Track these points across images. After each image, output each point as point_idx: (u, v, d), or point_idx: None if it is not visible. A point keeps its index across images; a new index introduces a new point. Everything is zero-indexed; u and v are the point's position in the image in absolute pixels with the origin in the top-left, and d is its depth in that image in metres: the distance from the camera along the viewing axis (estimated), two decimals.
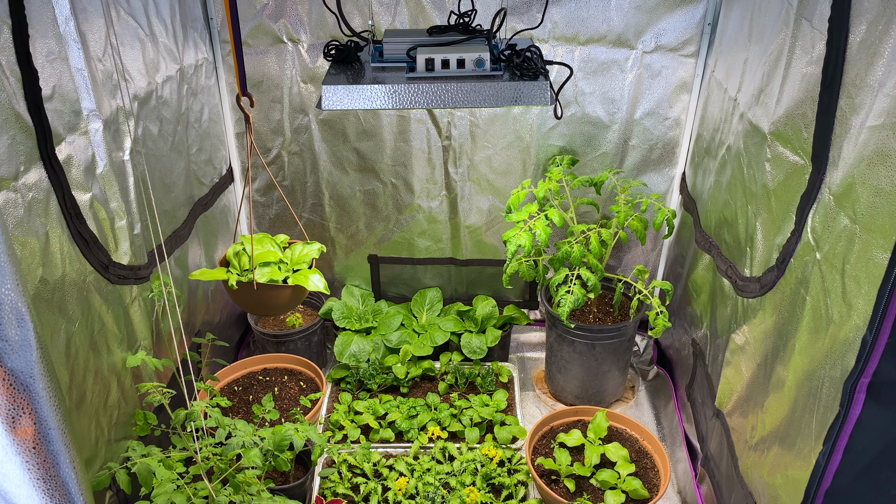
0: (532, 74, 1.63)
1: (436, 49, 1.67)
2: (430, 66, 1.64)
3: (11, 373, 0.90)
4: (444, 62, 1.64)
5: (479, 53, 1.63)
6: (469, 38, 1.74)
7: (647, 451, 2.45)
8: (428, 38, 1.76)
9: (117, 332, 1.94)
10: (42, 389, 0.93)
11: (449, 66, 1.64)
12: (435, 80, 1.64)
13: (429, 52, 1.66)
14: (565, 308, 2.32)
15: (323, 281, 2.03)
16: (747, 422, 1.94)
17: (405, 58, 1.75)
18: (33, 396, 0.92)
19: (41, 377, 0.92)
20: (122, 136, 1.93)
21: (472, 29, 1.80)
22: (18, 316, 0.88)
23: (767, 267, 1.79)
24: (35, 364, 0.91)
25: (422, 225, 2.84)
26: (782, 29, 1.67)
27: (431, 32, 1.79)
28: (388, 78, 1.67)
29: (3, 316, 0.86)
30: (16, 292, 0.87)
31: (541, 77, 1.64)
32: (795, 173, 1.63)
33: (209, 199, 2.54)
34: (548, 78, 1.65)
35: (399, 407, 2.61)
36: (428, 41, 1.73)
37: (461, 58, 1.63)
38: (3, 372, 0.89)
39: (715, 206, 2.19)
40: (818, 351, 1.53)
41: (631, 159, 2.66)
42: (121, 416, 2.00)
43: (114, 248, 1.90)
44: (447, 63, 1.64)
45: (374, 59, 1.78)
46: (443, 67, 1.65)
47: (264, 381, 2.72)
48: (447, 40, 1.73)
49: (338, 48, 1.79)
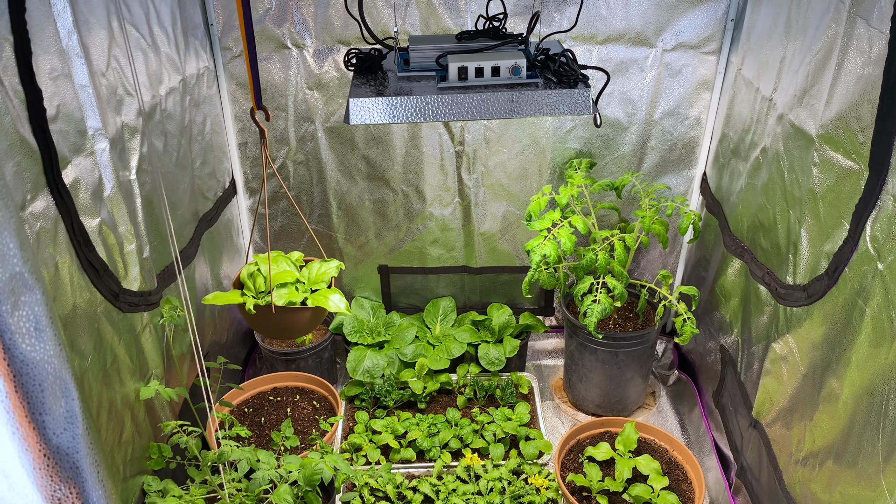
0: (571, 81, 1.54)
1: (468, 56, 1.57)
2: (463, 75, 1.54)
3: (57, 451, 0.79)
4: (479, 70, 1.54)
5: (515, 60, 1.54)
6: (501, 43, 1.64)
7: (678, 462, 2.38)
8: (457, 44, 1.66)
9: (129, 362, 1.82)
10: (88, 466, 0.82)
11: (483, 74, 1.54)
12: (469, 89, 1.54)
13: (461, 59, 1.56)
14: (592, 318, 2.24)
15: (344, 301, 1.93)
16: (792, 434, 1.87)
17: (433, 66, 1.65)
18: (80, 475, 0.82)
19: (87, 452, 0.81)
20: (128, 155, 1.82)
21: (503, 34, 1.70)
22: (63, 386, 0.77)
23: (815, 275, 1.72)
24: (81, 438, 0.80)
25: (434, 233, 2.74)
26: (831, 26, 1.59)
27: (461, 38, 1.69)
28: (417, 88, 1.57)
29: (46, 387, 0.75)
30: (59, 358, 0.76)
31: (580, 84, 1.54)
32: (849, 179, 1.55)
33: (213, 214, 2.43)
34: (588, 84, 1.56)
35: (419, 424, 2.51)
36: (457, 48, 1.63)
37: (496, 65, 1.54)
38: (46, 450, 0.78)
39: (747, 209, 2.12)
40: (881, 366, 1.45)
41: (649, 160, 2.58)
42: (135, 450, 1.88)
43: (123, 274, 1.78)
44: (481, 71, 1.54)
45: (400, 67, 1.67)
46: (477, 76, 1.55)
47: (275, 402, 2.61)
48: (478, 46, 1.63)
49: (359, 56, 1.69)
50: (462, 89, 1.54)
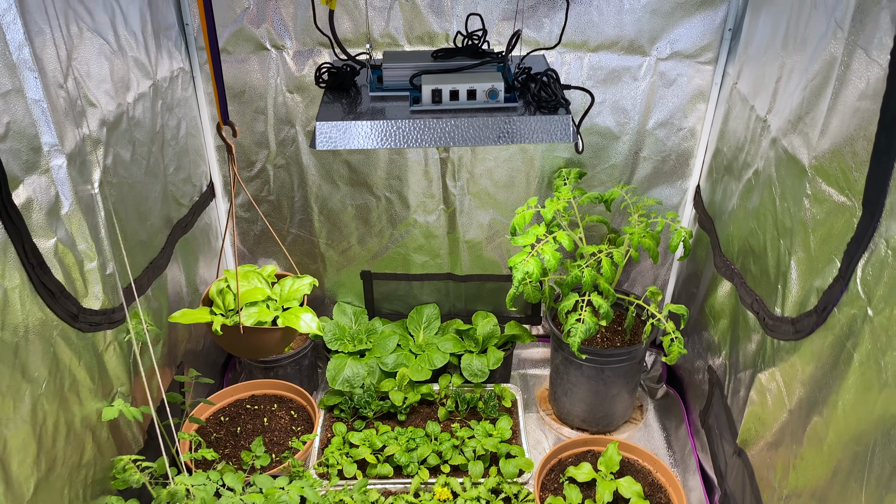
0: (552, 106, 1.45)
1: (443, 77, 1.49)
2: (437, 98, 1.45)
3: None
4: (453, 93, 1.45)
5: (493, 83, 1.45)
6: (480, 62, 1.55)
7: (661, 484, 2.32)
8: (433, 62, 1.57)
9: (90, 383, 1.76)
10: None
11: (458, 97, 1.46)
12: (443, 113, 1.46)
13: (435, 80, 1.47)
14: (576, 338, 2.17)
15: (316, 321, 1.86)
16: (776, 470, 1.81)
17: (408, 85, 1.56)
18: None
19: None
20: (89, 168, 1.74)
21: (482, 52, 1.61)
22: None
23: (804, 311, 1.64)
24: None
25: (418, 240, 2.67)
26: (828, 50, 1.50)
27: (437, 56, 1.60)
28: (389, 110, 1.49)
29: None
30: None
31: (561, 109, 1.46)
32: (842, 215, 1.47)
33: (189, 220, 2.35)
34: (569, 110, 1.47)
35: (397, 439, 2.46)
36: (433, 66, 1.54)
37: (472, 88, 1.45)
38: None
39: (738, 231, 2.03)
40: (867, 415, 1.38)
41: (641, 171, 2.50)
42: (97, 472, 1.83)
43: (84, 293, 1.71)
44: (456, 94, 1.45)
45: (373, 86, 1.58)
46: (451, 99, 1.46)
47: (252, 411, 2.56)
48: (455, 66, 1.54)
49: (331, 73, 1.60)
50: (436, 113, 1.46)
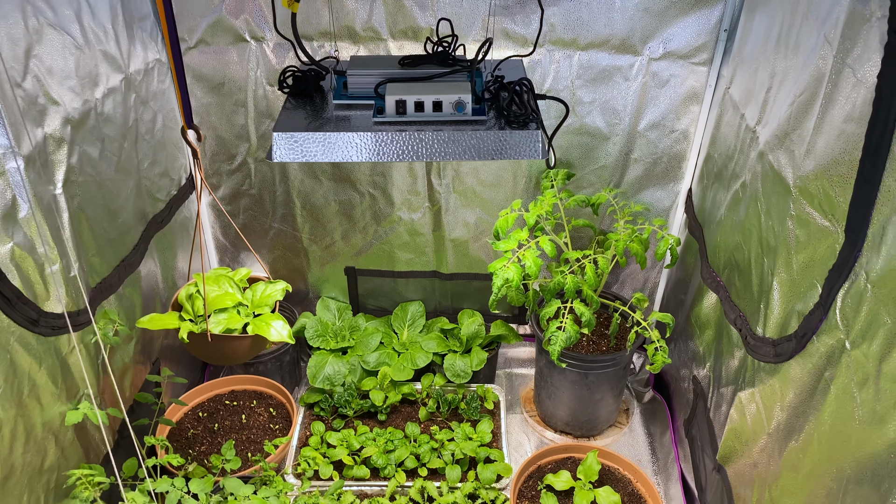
0: (521, 121, 1.38)
1: (409, 87, 1.42)
2: (401, 109, 1.39)
3: None
4: (419, 104, 1.38)
5: (460, 95, 1.38)
6: (449, 71, 1.48)
7: (640, 494, 2.28)
8: (400, 70, 1.50)
9: (53, 387, 1.72)
10: None
11: (423, 108, 1.39)
12: (407, 125, 1.39)
13: (400, 90, 1.40)
14: (556, 346, 2.12)
15: (287, 328, 1.82)
16: (753, 491, 1.76)
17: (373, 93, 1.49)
18: None
19: None
20: (52, 168, 1.69)
21: (452, 60, 1.54)
22: None
23: (784, 334, 1.58)
24: None
25: (403, 237, 2.61)
26: (817, 68, 1.42)
27: (404, 63, 1.53)
28: (352, 120, 1.42)
29: None
30: None
31: (532, 124, 1.39)
32: (825, 239, 1.40)
33: (166, 214, 2.30)
34: (539, 124, 1.40)
35: (375, 440, 2.42)
36: (400, 74, 1.47)
37: (438, 100, 1.38)
38: None
39: (725, 244, 1.97)
40: (843, 450, 1.33)
41: (632, 173, 2.42)
42: (61, 476, 1.80)
43: (45, 297, 1.67)
44: (421, 106, 1.39)
45: (338, 93, 1.52)
46: (417, 110, 1.40)
47: (231, 407, 2.53)
48: (423, 74, 1.47)
49: (296, 77, 1.53)
50: (400, 125, 1.39)
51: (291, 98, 1.52)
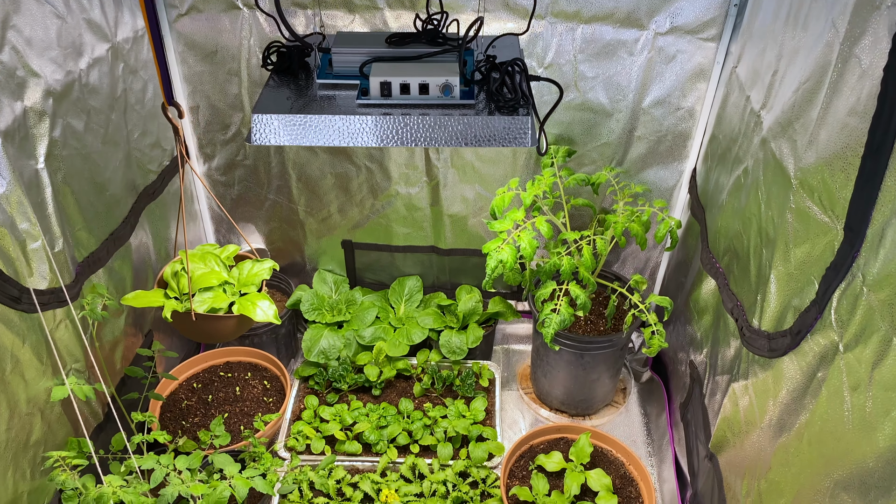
0: (511, 106, 1.32)
1: (395, 67, 1.36)
2: (386, 91, 1.33)
3: None
4: (404, 87, 1.33)
5: (447, 77, 1.32)
6: (438, 51, 1.42)
7: (632, 477, 2.27)
8: (387, 49, 1.44)
9: (38, 363, 1.71)
10: None
11: (409, 91, 1.33)
12: (392, 108, 1.34)
13: (385, 71, 1.35)
14: (549, 329, 2.08)
15: (273, 308, 1.79)
16: (743, 483, 1.74)
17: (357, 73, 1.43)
18: None
19: None
20: (33, 143, 1.65)
21: (442, 38, 1.47)
22: None
23: (780, 328, 1.54)
24: None
25: (400, 212, 2.57)
26: (824, 55, 1.35)
27: (391, 41, 1.46)
28: (336, 101, 1.37)
29: None
30: None
31: (522, 110, 1.33)
32: (823, 236, 1.34)
33: (157, 186, 2.27)
34: (530, 110, 1.34)
35: (368, 415, 2.42)
36: (387, 53, 1.41)
37: (424, 82, 1.32)
38: None
39: (725, 230, 1.91)
40: (832, 452, 1.30)
41: (636, 151, 2.35)
42: (48, 450, 1.80)
43: (28, 273, 1.65)
44: (407, 88, 1.33)
45: (322, 72, 1.46)
46: (402, 93, 1.34)
47: (226, 378, 2.53)
48: (410, 53, 1.41)
49: (280, 52, 1.47)
50: (384, 107, 1.34)
51: (275, 75, 1.47)
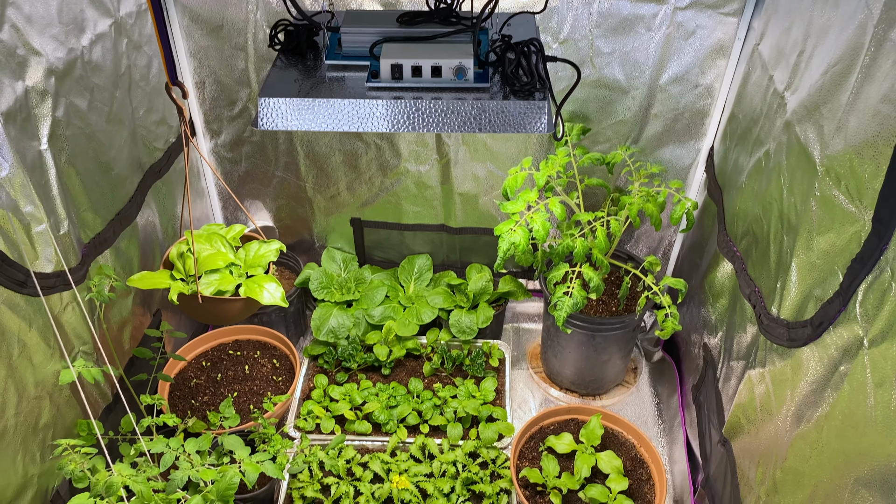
0: (526, 90, 1.27)
1: (406, 49, 1.31)
2: (397, 74, 1.28)
3: None
4: (416, 69, 1.28)
5: (461, 60, 1.27)
6: (451, 31, 1.36)
7: (643, 459, 2.25)
8: (398, 28, 1.38)
9: (45, 347, 1.70)
10: None
11: (421, 74, 1.28)
12: (403, 92, 1.29)
13: (397, 52, 1.30)
14: (562, 312, 2.05)
15: (280, 291, 1.77)
16: (757, 471, 1.71)
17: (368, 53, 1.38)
18: None
19: None
20: (35, 123, 1.61)
21: (455, 17, 1.41)
22: None
23: (800, 318, 1.50)
24: None
25: (410, 190, 2.52)
26: (856, 37, 1.29)
27: (402, 20, 1.41)
28: (345, 84, 1.32)
29: None
30: None
31: (538, 94, 1.28)
32: (850, 226, 1.30)
33: (164, 163, 2.23)
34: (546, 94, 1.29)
35: (378, 395, 2.40)
36: (398, 33, 1.36)
37: (437, 64, 1.27)
38: None
39: (744, 213, 1.86)
40: (853, 448, 1.27)
41: (652, 129, 2.29)
42: (57, 433, 1.80)
43: (33, 257, 1.62)
44: (419, 70, 1.28)
45: (331, 52, 1.41)
46: (414, 75, 1.29)
47: (235, 357, 2.51)
48: (423, 34, 1.35)
49: (287, 31, 1.42)
50: (396, 90, 1.29)
51: (282, 56, 1.42)
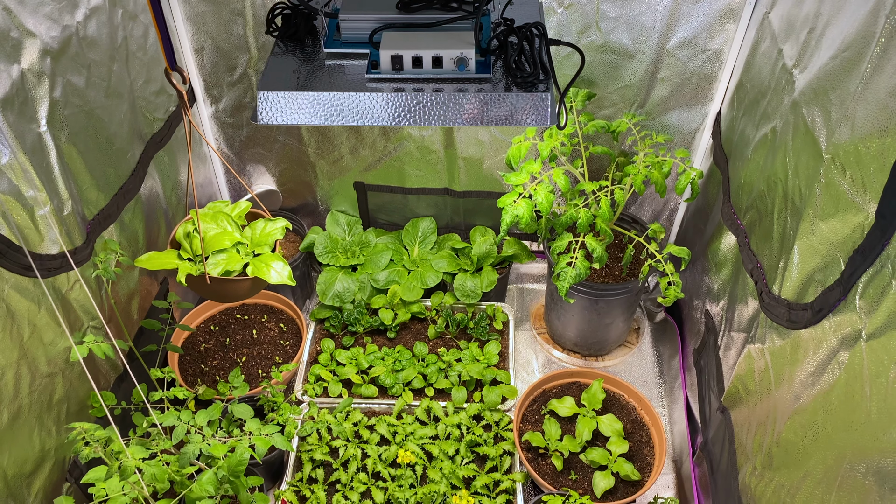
0: (530, 82, 1.25)
1: (407, 37, 1.28)
2: (397, 65, 1.26)
3: None
4: (416, 60, 1.26)
5: (462, 51, 1.24)
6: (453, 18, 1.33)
7: (643, 422, 2.30)
8: (399, 14, 1.35)
9: (55, 325, 1.73)
10: None
11: (422, 64, 1.26)
12: (405, 83, 1.27)
13: (397, 42, 1.27)
14: (565, 283, 2.06)
15: (287, 269, 1.78)
16: (754, 442, 1.76)
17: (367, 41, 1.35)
18: None
19: None
20: (33, 106, 1.60)
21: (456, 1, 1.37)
22: None
23: (801, 300, 1.51)
24: None
25: (413, 154, 2.50)
26: (867, 24, 1.25)
27: (401, 6, 1.37)
28: (345, 74, 1.30)
29: None
30: None
31: (540, 85, 1.26)
32: (853, 216, 1.29)
33: (165, 133, 2.21)
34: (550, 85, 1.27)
35: (384, 359, 2.45)
36: (399, 20, 1.33)
37: (438, 55, 1.25)
38: None
39: (748, 187, 1.85)
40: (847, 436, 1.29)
41: (658, 93, 2.25)
42: (71, 406, 1.85)
43: (38, 240, 1.63)
44: (419, 61, 1.26)
45: (330, 40, 1.38)
46: (415, 66, 1.27)
47: (243, 321, 2.55)
48: (423, 20, 1.32)
49: (284, 15, 1.39)
50: (396, 82, 1.27)
51: (280, 42, 1.39)
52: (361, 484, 2.14)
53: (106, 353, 1.79)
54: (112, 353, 1.82)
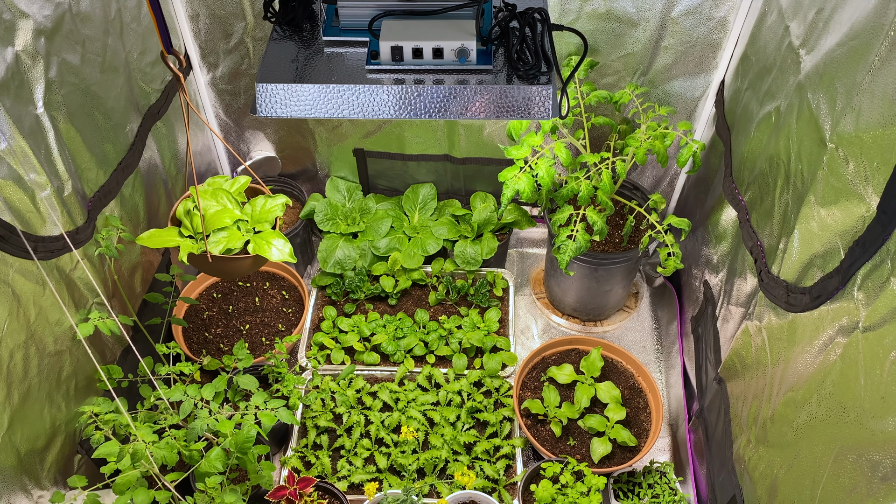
0: (531, 74, 1.24)
1: (407, 26, 1.26)
2: (397, 56, 1.24)
3: None
4: (416, 51, 1.24)
5: (463, 42, 1.22)
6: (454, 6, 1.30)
7: (640, 388, 2.35)
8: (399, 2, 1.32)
9: (61, 303, 1.74)
10: None
11: (422, 55, 1.24)
12: (405, 74, 1.25)
13: (397, 32, 1.25)
14: (565, 256, 2.08)
15: (288, 246, 1.78)
16: (749, 414, 1.80)
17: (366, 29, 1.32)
18: None
19: None
20: (30, 87, 1.58)
21: None
22: None
23: (800, 283, 1.52)
24: None
25: (413, 121, 2.48)
26: (876, 14, 1.23)
27: None
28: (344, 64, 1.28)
29: None
30: None
31: (542, 77, 1.24)
32: (855, 207, 1.29)
33: (162, 103, 2.19)
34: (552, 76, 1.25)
35: (385, 327, 2.47)
36: (399, 7, 1.30)
37: (438, 46, 1.23)
38: None
39: (751, 164, 1.84)
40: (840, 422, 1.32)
41: (661, 61, 2.22)
42: (79, 381, 1.89)
43: (40, 223, 1.64)
44: (420, 52, 1.24)
45: (328, 26, 1.35)
46: (415, 57, 1.25)
47: (245, 289, 2.57)
48: (424, 7, 1.29)
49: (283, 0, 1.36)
50: (397, 73, 1.26)
51: (278, 28, 1.36)
52: (365, 450, 2.20)
53: (112, 329, 1.82)
54: (118, 329, 1.84)
